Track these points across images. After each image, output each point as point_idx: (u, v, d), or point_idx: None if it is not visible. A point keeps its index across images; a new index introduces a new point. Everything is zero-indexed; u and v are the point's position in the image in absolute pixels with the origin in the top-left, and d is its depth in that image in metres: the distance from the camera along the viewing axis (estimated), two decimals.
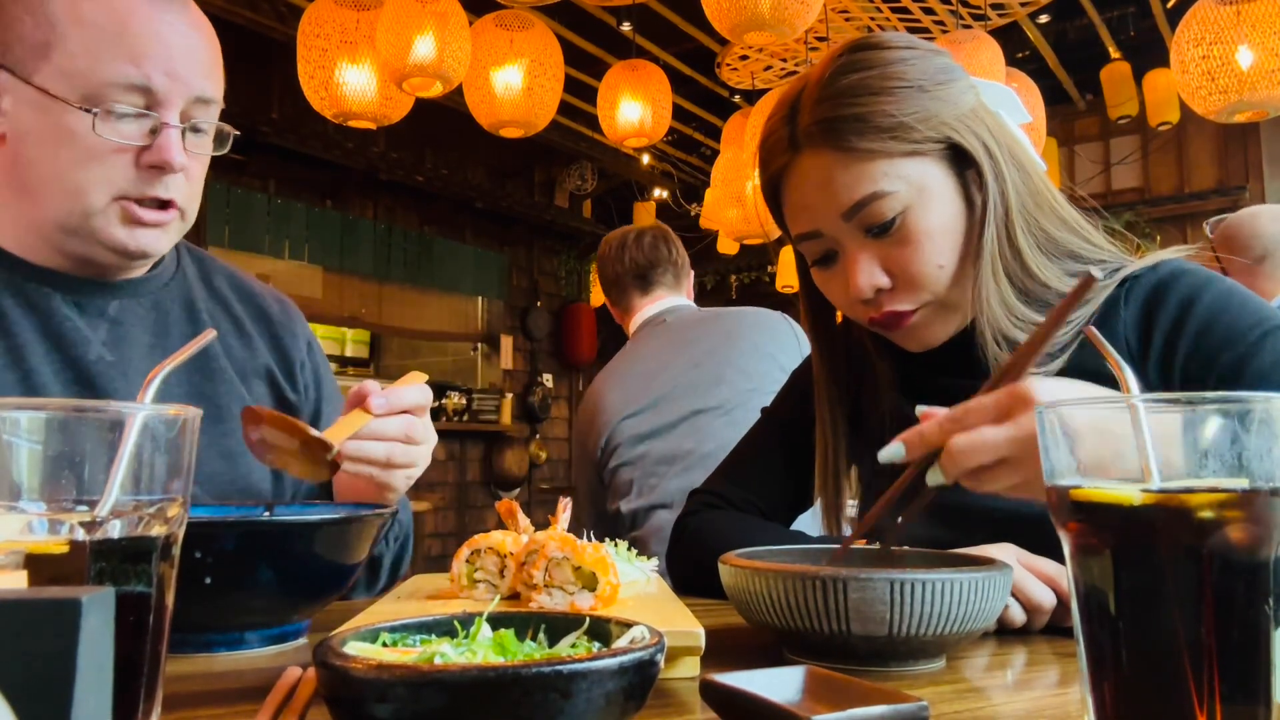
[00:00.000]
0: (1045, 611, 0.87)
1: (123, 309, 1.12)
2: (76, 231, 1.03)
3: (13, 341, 1.04)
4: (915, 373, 1.14)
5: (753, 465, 1.28)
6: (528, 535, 0.84)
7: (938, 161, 0.99)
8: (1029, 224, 1.01)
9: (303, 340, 1.29)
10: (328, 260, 5.99)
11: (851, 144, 0.97)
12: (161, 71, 1.00)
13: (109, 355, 1.08)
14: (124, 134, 1.00)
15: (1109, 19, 5.55)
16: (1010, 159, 1.01)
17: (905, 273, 1.00)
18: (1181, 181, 6.57)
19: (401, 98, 3.38)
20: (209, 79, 1.06)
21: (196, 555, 0.73)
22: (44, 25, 0.99)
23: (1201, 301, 0.99)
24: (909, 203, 0.98)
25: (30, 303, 1.06)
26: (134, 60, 0.99)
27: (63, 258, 1.07)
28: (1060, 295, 1.01)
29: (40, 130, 1.00)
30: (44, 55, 0.99)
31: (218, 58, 1.09)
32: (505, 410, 7.02)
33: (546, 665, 0.47)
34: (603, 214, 8.21)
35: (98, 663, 0.35)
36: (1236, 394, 0.47)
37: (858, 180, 0.97)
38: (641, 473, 2.12)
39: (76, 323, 1.07)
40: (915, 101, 0.97)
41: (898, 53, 1.00)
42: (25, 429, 0.46)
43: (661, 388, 2.18)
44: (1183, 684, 0.45)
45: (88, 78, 0.98)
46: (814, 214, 1.02)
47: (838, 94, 0.98)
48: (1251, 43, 3.10)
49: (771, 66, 5.01)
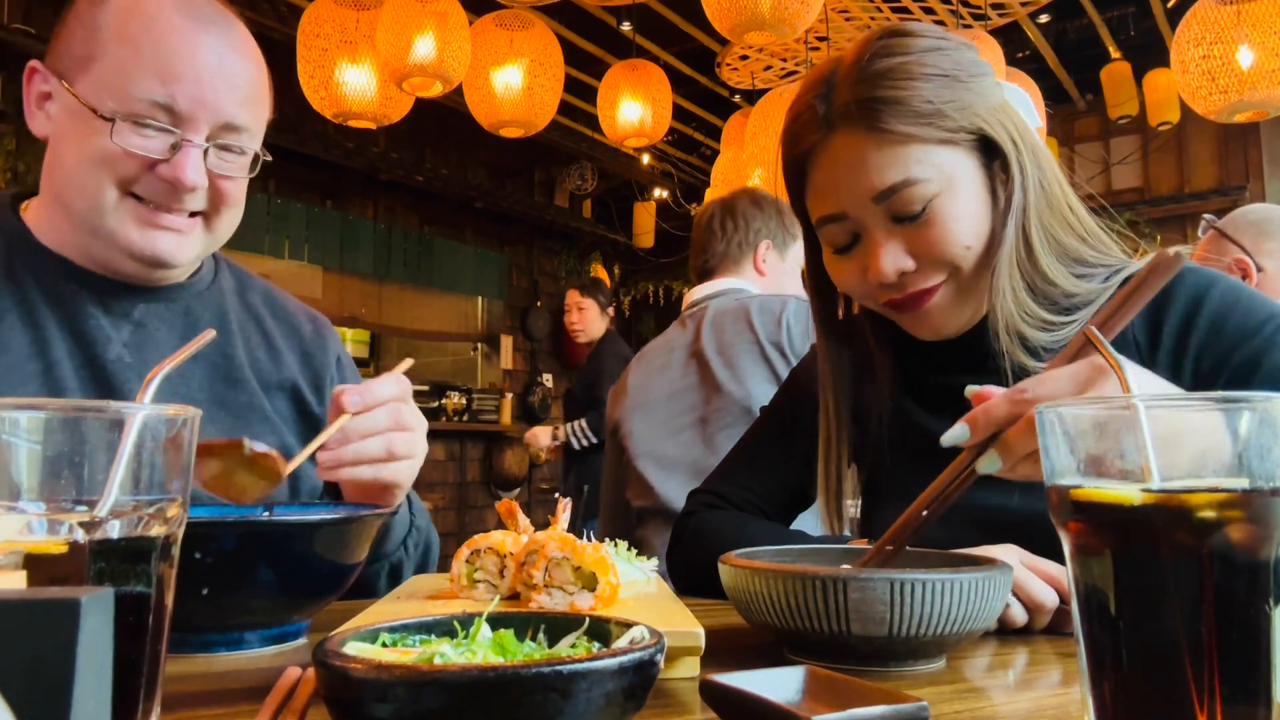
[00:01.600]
0: (1047, 611, 0.87)
1: (149, 312, 1.14)
2: (96, 233, 1.06)
3: (39, 333, 1.07)
4: (916, 371, 1.14)
5: (752, 464, 1.28)
6: (528, 535, 0.84)
7: (969, 153, 1.00)
8: (1044, 224, 1.02)
9: (333, 356, 1.31)
10: (327, 260, 5.99)
11: (888, 126, 0.97)
12: (189, 94, 1.03)
13: (128, 356, 1.10)
14: (143, 146, 1.02)
15: (1109, 19, 5.55)
16: (1033, 158, 1.02)
17: (931, 254, 1.00)
18: (1181, 181, 6.57)
19: (401, 98, 3.38)
20: (243, 106, 1.08)
21: (196, 555, 0.73)
22: (91, 38, 1.04)
23: (1210, 299, 1.00)
24: (939, 190, 0.98)
25: (59, 299, 1.09)
26: (163, 79, 1.02)
27: (91, 261, 1.10)
28: (1066, 294, 1.02)
29: (72, 134, 1.04)
30: (86, 66, 1.03)
31: (259, 89, 1.12)
32: (505, 410, 7.03)
33: (546, 665, 0.46)
34: (603, 214, 8.21)
35: (97, 663, 0.35)
36: (1236, 394, 0.47)
37: (891, 164, 0.97)
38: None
39: (100, 321, 1.10)
40: (951, 90, 0.98)
41: (934, 41, 1.01)
42: (25, 429, 0.46)
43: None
44: (1183, 684, 0.45)
45: (118, 90, 1.02)
46: (842, 195, 1.01)
47: (877, 75, 0.98)
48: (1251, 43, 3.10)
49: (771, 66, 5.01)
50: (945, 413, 1.12)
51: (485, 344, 7.29)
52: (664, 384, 2.18)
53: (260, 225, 5.47)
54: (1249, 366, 0.95)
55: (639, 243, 8.03)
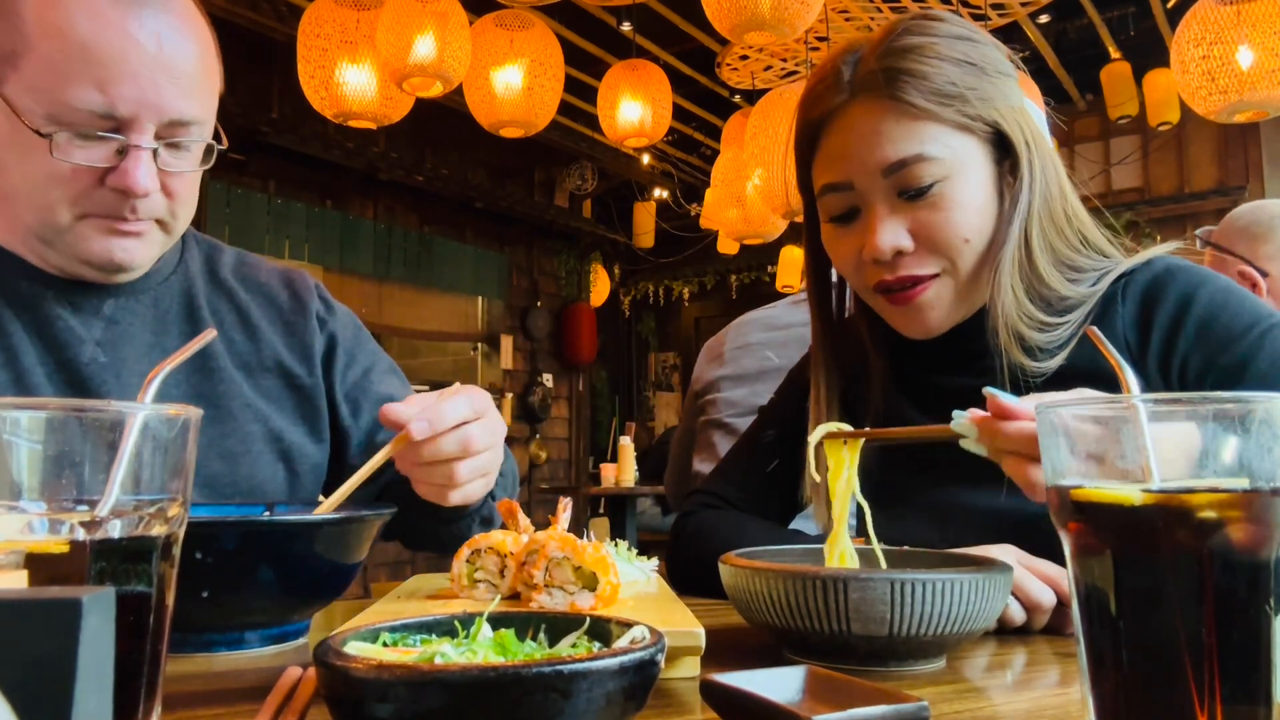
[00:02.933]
0: (1045, 611, 0.87)
1: (119, 308, 1.09)
2: (53, 245, 1.01)
3: (6, 342, 1.02)
4: (909, 369, 1.15)
5: (751, 464, 1.28)
6: (528, 535, 0.84)
7: (982, 144, 1.01)
8: (1044, 230, 1.03)
9: (314, 319, 1.23)
10: (328, 260, 5.99)
11: (910, 98, 0.98)
12: (130, 97, 0.94)
13: (103, 356, 1.06)
14: (86, 156, 0.95)
15: (1109, 19, 5.55)
16: (1044, 165, 1.03)
17: (931, 238, 1.00)
18: (1181, 181, 6.57)
19: (401, 98, 3.38)
20: (188, 98, 0.99)
21: (197, 555, 0.73)
22: (14, 33, 0.94)
23: (1199, 300, 1.00)
24: (948, 173, 0.99)
25: (24, 302, 1.03)
26: (99, 85, 0.93)
27: (48, 265, 1.05)
28: (1060, 297, 1.03)
29: (9, 139, 0.97)
30: (13, 64, 0.95)
31: (204, 69, 1.02)
32: (505, 410, 7.03)
33: (547, 665, 0.47)
34: (603, 214, 8.22)
35: (98, 662, 0.35)
36: (1237, 394, 0.47)
37: (906, 137, 0.98)
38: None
39: (70, 322, 1.05)
40: (976, 79, 1.00)
41: (965, 30, 1.03)
42: (25, 429, 0.46)
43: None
44: (1183, 684, 0.45)
45: (51, 97, 0.93)
46: (851, 163, 1.02)
47: (905, 49, 1.00)
48: (1251, 43, 3.10)
49: (771, 66, 5.01)
50: (938, 412, 1.12)
51: (485, 344, 7.29)
52: (758, 361, 2.18)
53: (260, 225, 5.47)
54: (1236, 371, 0.95)
55: (639, 243, 8.04)
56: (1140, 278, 1.05)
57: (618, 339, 9.25)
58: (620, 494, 5.34)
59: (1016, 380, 1.01)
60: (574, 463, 7.96)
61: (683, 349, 9.11)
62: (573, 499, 0.93)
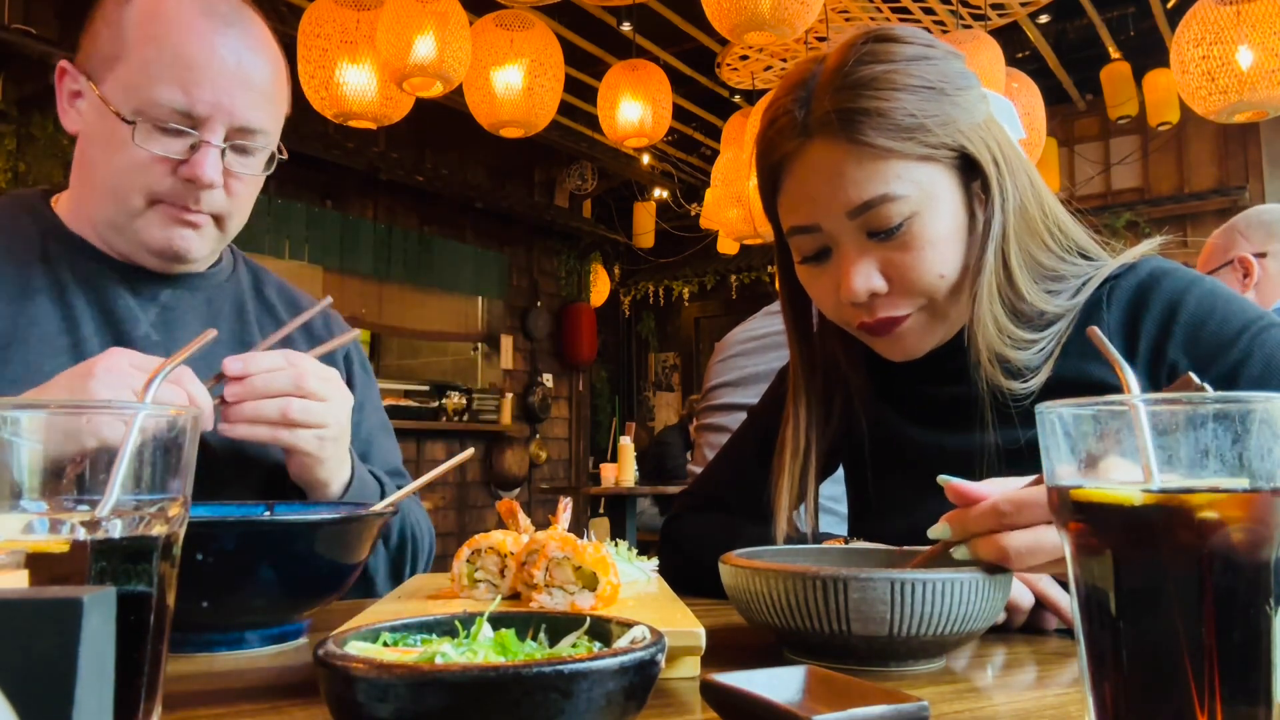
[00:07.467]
0: (1023, 611, 0.88)
1: (175, 297, 1.19)
2: (121, 231, 1.13)
3: (69, 311, 1.12)
4: (895, 380, 1.12)
5: (738, 467, 1.26)
6: (528, 535, 0.84)
7: (948, 170, 0.96)
8: (1022, 246, 0.99)
9: (340, 351, 1.33)
10: (328, 260, 6.00)
11: (868, 139, 0.92)
12: (207, 100, 1.07)
13: (155, 335, 1.15)
14: (164, 147, 1.08)
15: (1109, 19, 5.55)
16: (1014, 177, 0.99)
17: (904, 279, 0.97)
18: (1181, 181, 6.57)
19: (401, 98, 3.38)
20: (257, 108, 1.12)
21: (197, 555, 0.73)
22: (117, 40, 1.09)
23: (1186, 305, 0.98)
24: (917, 209, 0.94)
25: (88, 279, 1.14)
26: (183, 86, 1.06)
27: (115, 252, 1.16)
28: (1041, 313, 1.00)
29: (99, 133, 1.10)
30: (112, 66, 1.08)
31: (275, 87, 1.16)
32: (505, 410, 7.03)
33: (547, 665, 0.46)
34: (603, 214, 8.22)
35: (98, 662, 0.35)
36: (1237, 394, 0.47)
37: (869, 178, 0.93)
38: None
39: (129, 302, 1.15)
40: (936, 104, 0.94)
41: (920, 49, 0.97)
42: (26, 429, 0.46)
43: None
44: (1183, 684, 0.45)
45: (140, 93, 1.06)
46: (816, 207, 0.98)
47: (859, 84, 0.93)
48: (1251, 43, 3.11)
49: (771, 66, 5.01)
50: (924, 421, 1.11)
51: (485, 344, 7.29)
52: (739, 371, 2.20)
53: (261, 225, 5.47)
54: (1227, 377, 0.93)
55: (639, 243, 8.04)
56: (1126, 283, 1.02)
57: (618, 339, 9.26)
58: (620, 494, 5.34)
59: (1001, 399, 0.99)
60: (574, 463, 7.96)
61: (683, 349, 9.11)
62: (573, 499, 0.93)
